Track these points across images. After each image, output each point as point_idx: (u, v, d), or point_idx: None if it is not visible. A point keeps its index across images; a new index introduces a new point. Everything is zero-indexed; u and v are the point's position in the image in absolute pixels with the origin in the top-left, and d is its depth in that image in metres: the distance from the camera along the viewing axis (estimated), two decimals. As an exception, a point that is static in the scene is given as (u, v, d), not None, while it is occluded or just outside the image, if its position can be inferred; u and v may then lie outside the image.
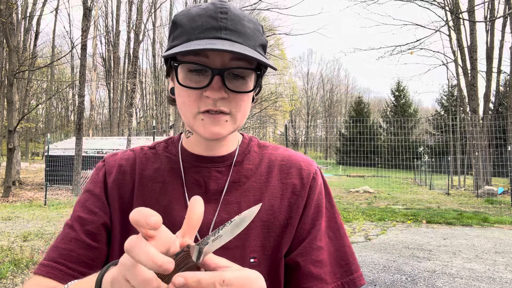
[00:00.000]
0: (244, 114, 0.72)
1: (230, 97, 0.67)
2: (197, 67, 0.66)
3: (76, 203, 0.76)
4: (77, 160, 13.84)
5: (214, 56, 0.66)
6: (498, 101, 24.73)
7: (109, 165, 0.79)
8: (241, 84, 0.68)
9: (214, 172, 0.75)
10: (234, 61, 0.66)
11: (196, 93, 0.67)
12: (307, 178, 0.76)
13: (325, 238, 0.74)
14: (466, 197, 13.68)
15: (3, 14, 12.40)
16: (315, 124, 57.90)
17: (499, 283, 4.27)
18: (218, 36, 0.65)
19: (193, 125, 0.69)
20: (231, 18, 0.67)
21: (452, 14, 15.59)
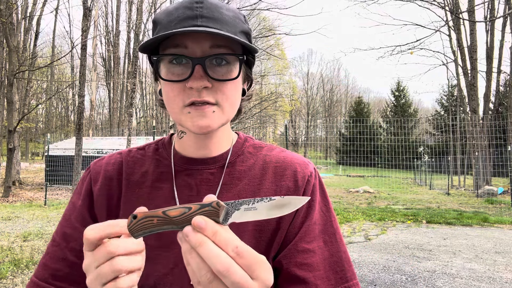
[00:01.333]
0: (233, 104, 0.69)
1: (214, 86, 0.65)
2: (177, 58, 0.65)
3: (63, 216, 0.75)
4: (77, 160, 13.83)
5: (193, 46, 0.64)
6: (498, 101, 24.72)
7: (95, 171, 0.77)
8: (225, 72, 0.66)
9: (206, 175, 0.73)
10: (215, 48, 0.64)
11: (179, 86, 0.65)
12: (302, 181, 0.73)
13: (318, 241, 0.70)
14: (466, 197, 13.67)
15: (3, 14, 12.40)
16: (315, 124, 57.89)
17: (499, 283, 4.27)
18: (194, 24, 0.63)
19: (180, 120, 0.67)
20: (207, 7, 0.65)
21: (452, 14, 15.59)
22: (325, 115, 59.61)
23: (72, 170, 14.39)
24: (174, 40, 0.65)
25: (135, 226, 0.45)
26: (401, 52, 16.85)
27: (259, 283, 0.43)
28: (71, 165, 14.60)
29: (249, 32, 0.71)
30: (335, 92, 63.71)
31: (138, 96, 39.12)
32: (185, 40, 0.64)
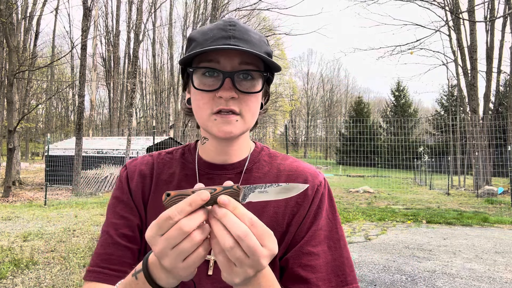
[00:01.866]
0: (254, 115, 0.78)
1: (240, 98, 0.74)
2: (210, 71, 0.74)
3: (108, 210, 0.85)
4: (77, 160, 13.85)
5: (224, 62, 0.74)
6: (498, 101, 24.73)
7: (130, 170, 0.87)
8: (250, 86, 0.75)
9: (225, 179, 0.79)
10: (243, 65, 0.74)
11: (209, 95, 0.74)
12: (311, 190, 0.80)
13: (323, 246, 0.77)
14: (466, 197, 13.68)
15: (3, 14, 12.40)
16: (315, 124, 57.90)
17: (499, 283, 4.27)
18: (227, 43, 0.73)
19: (207, 126, 0.76)
20: (239, 29, 0.75)
21: (452, 14, 15.59)
22: (325, 115, 59.61)
23: (72, 170, 14.40)
24: (209, 56, 0.75)
25: (168, 202, 0.53)
26: (401, 52, 16.86)
27: (267, 250, 0.52)
28: (71, 165, 14.61)
29: (271, 53, 0.81)
30: (335, 92, 63.73)
31: (138, 96, 39.15)
32: (218, 56, 0.74)
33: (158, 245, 0.52)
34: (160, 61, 38.80)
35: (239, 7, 20.56)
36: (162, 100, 37.30)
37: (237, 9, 18.97)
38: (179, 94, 32.24)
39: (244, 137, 0.84)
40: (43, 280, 4.11)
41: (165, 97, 37.00)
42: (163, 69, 38.87)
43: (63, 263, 4.67)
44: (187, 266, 0.53)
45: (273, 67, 0.78)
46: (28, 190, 14.50)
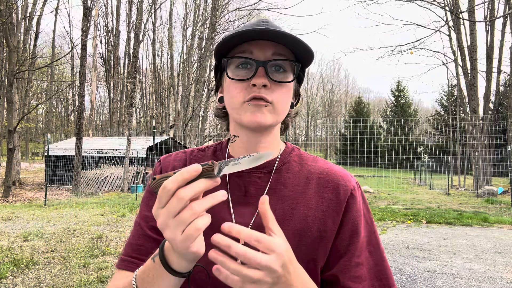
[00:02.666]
0: (284, 107, 0.79)
1: (272, 88, 0.75)
2: (244, 61, 0.76)
3: (141, 202, 0.87)
4: (77, 160, 13.85)
5: (257, 52, 0.76)
6: (498, 101, 24.73)
7: (165, 165, 0.88)
8: (282, 77, 0.77)
9: (254, 178, 0.81)
10: (276, 55, 0.76)
11: (243, 85, 0.76)
12: (344, 194, 0.79)
13: (365, 253, 0.79)
14: (466, 197, 13.67)
15: (3, 14, 12.40)
16: (315, 124, 57.87)
17: (499, 283, 4.27)
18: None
19: (239, 114, 0.77)
20: (272, 25, 0.78)
21: (452, 14, 15.58)
22: (325, 115, 59.60)
23: (72, 170, 14.40)
24: (242, 47, 0.76)
25: (155, 184, 0.57)
26: (401, 52, 16.85)
27: (275, 254, 0.56)
28: (71, 165, 14.61)
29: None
30: (335, 92, 63.72)
31: (138, 96, 39.15)
32: (251, 47, 0.76)
33: (160, 216, 0.55)
34: (160, 61, 38.79)
35: (239, 7, 20.57)
36: (162, 100, 37.29)
37: (237, 9, 18.98)
38: (179, 94, 32.24)
39: (274, 135, 0.84)
40: (43, 280, 4.11)
41: (165, 97, 36.99)
42: (163, 69, 38.86)
43: (63, 263, 4.67)
44: (186, 238, 0.54)
45: (305, 60, 0.79)
46: (28, 190, 14.50)
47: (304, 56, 0.77)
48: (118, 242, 5.78)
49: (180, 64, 33.73)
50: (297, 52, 0.78)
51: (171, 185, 0.53)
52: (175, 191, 0.53)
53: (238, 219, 0.77)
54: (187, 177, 0.53)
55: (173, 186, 0.53)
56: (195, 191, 0.53)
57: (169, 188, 0.53)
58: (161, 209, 0.55)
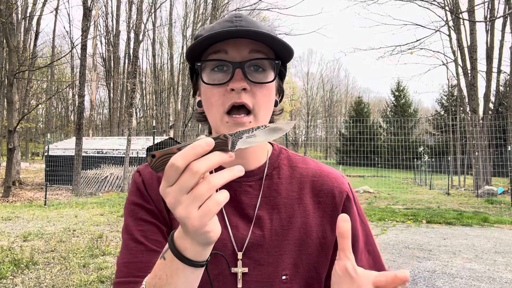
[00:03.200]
0: (267, 111, 0.73)
1: (252, 90, 0.70)
2: (219, 66, 0.70)
3: (127, 217, 0.76)
4: (77, 160, 13.84)
5: (232, 52, 0.70)
6: (498, 101, 24.71)
7: (147, 177, 0.78)
8: (262, 78, 0.71)
9: (245, 187, 0.76)
10: (253, 53, 0.70)
11: (220, 90, 0.70)
12: (339, 198, 0.77)
13: (365, 254, 0.78)
14: (466, 197, 13.67)
15: (3, 14, 12.40)
16: (315, 124, 57.85)
17: (499, 283, 4.27)
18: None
19: (219, 128, 0.71)
20: (246, 20, 0.72)
21: (452, 14, 15.58)
22: (325, 115, 59.60)
23: (72, 170, 14.39)
24: (215, 48, 0.70)
25: (155, 163, 0.50)
26: (401, 52, 16.85)
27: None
28: (71, 165, 14.61)
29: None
30: (335, 92, 63.71)
31: (138, 96, 39.13)
32: (225, 47, 0.70)
33: (170, 194, 0.48)
34: (160, 61, 38.79)
35: (239, 7, 20.57)
36: (162, 100, 37.29)
37: (237, 9, 18.98)
38: (179, 94, 32.25)
39: None
40: (43, 280, 4.11)
41: (165, 97, 36.99)
42: (163, 69, 38.86)
43: (63, 263, 4.67)
44: (203, 214, 0.47)
45: (285, 56, 0.74)
46: (28, 190, 14.49)
47: (283, 52, 0.72)
48: (118, 242, 5.78)
49: (180, 64, 33.73)
50: (275, 48, 0.72)
51: (181, 161, 0.46)
52: (185, 168, 0.47)
53: (234, 232, 0.74)
54: (200, 152, 0.47)
55: (183, 162, 0.46)
56: (211, 164, 0.47)
57: (179, 165, 0.46)
58: (170, 187, 0.48)
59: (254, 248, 0.73)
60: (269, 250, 0.73)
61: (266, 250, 0.73)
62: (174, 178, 0.47)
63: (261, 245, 0.74)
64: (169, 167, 0.47)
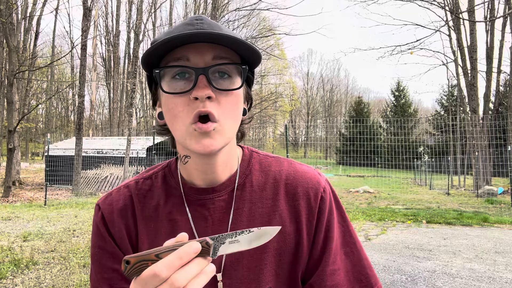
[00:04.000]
0: (234, 120, 0.67)
1: (217, 98, 0.64)
2: (180, 70, 0.64)
3: (93, 262, 0.73)
4: (77, 160, 13.85)
5: (195, 58, 0.64)
6: (498, 101, 24.69)
7: (107, 212, 0.73)
8: (228, 85, 0.65)
9: (219, 202, 0.72)
10: (217, 59, 0.64)
11: (183, 100, 0.64)
12: (314, 200, 0.73)
13: (340, 255, 0.73)
14: (466, 197, 13.67)
15: (3, 14, 12.40)
16: (315, 124, 57.91)
17: (499, 283, 4.27)
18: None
19: (185, 140, 0.65)
20: (207, 23, 0.66)
21: (452, 14, 15.58)
22: (325, 115, 59.62)
23: (72, 170, 14.40)
24: (175, 54, 0.64)
25: (130, 271, 0.47)
26: (401, 52, 16.85)
27: None
28: (71, 165, 14.61)
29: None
30: (335, 92, 63.75)
31: (138, 96, 39.11)
32: (186, 53, 0.64)
33: None
34: (160, 61, 38.80)
35: (239, 7, 20.56)
36: (162, 100, 37.32)
37: (237, 9, 18.98)
38: (179, 94, 32.23)
39: (230, 150, 0.72)
40: (43, 280, 4.11)
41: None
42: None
43: (63, 263, 4.67)
44: None
45: (252, 61, 0.68)
46: (28, 190, 14.50)
47: (249, 56, 0.67)
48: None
49: (180, 64, 33.70)
50: (241, 53, 0.67)
51: (166, 272, 0.45)
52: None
53: None
54: (185, 261, 0.46)
55: (168, 274, 0.45)
56: (190, 277, 0.46)
57: (163, 277, 0.45)
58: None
59: (234, 266, 0.69)
60: (249, 265, 0.70)
61: (246, 267, 0.70)
62: (153, 287, 0.46)
63: (240, 262, 0.70)
64: (151, 277, 0.45)
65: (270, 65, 33.85)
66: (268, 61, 31.08)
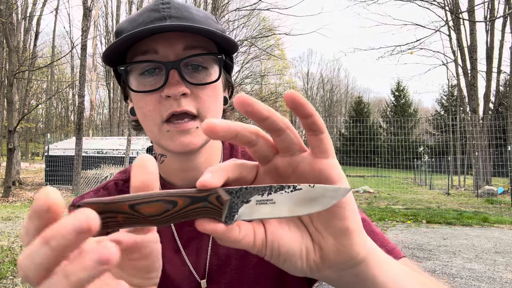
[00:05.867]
0: (216, 113, 0.62)
1: (193, 94, 0.58)
2: (149, 65, 0.58)
3: None
4: (77, 160, 13.85)
5: (164, 50, 0.57)
6: (498, 101, 24.72)
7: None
8: (203, 77, 0.59)
9: None
10: (189, 50, 0.58)
11: (154, 97, 0.57)
12: None
13: None
14: (466, 197, 13.67)
15: (3, 14, 12.40)
16: (315, 124, 57.82)
17: (499, 283, 4.27)
18: (161, 24, 0.56)
19: (159, 140, 0.60)
20: (175, 7, 0.59)
21: (452, 14, 15.59)
22: (325, 115, 59.61)
23: (72, 170, 14.40)
24: (142, 46, 0.58)
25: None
26: (401, 52, 16.87)
27: None
28: (71, 165, 14.61)
29: (224, 31, 0.64)
30: (335, 92, 63.73)
31: (138, 96, 39.16)
32: (154, 45, 0.57)
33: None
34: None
35: (239, 7, 20.57)
36: (162, 100, 37.38)
37: (237, 9, 18.98)
38: (179, 94, 32.26)
39: (212, 144, 0.67)
40: (43, 280, 4.11)
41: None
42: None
43: (63, 263, 4.67)
44: None
45: (228, 48, 0.62)
46: (28, 190, 14.50)
47: (225, 43, 0.61)
48: (118, 242, 5.79)
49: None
50: (215, 39, 0.60)
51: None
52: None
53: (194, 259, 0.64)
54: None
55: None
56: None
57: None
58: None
59: (221, 270, 0.64)
60: (238, 267, 0.65)
61: (234, 269, 0.64)
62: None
63: (228, 264, 0.65)
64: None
65: (270, 65, 33.83)
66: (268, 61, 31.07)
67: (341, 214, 0.34)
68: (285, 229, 0.35)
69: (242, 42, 16.06)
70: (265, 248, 0.34)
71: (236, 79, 18.63)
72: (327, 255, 0.35)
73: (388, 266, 0.41)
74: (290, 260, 0.35)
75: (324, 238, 0.35)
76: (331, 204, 0.32)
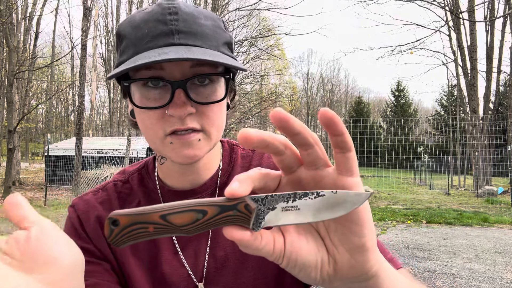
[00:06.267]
0: (220, 127, 0.61)
1: (199, 111, 0.57)
2: (154, 80, 0.56)
3: None
4: (77, 160, 13.84)
5: (170, 67, 0.55)
6: (498, 101, 24.72)
7: (82, 212, 0.67)
8: (210, 93, 0.58)
9: None
10: (196, 67, 0.56)
11: (158, 113, 0.56)
12: None
13: None
14: (466, 197, 13.67)
15: (3, 14, 12.40)
16: (315, 124, 57.86)
17: (499, 283, 4.27)
18: (170, 42, 0.55)
19: (162, 151, 0.59)
20: (184, 19, 0.56)
21: (452, 14, 15.58)
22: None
23: (72, 170, 14.40)
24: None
25: (117, 236, 0.31)
26: (401, 52, 16.87)
27: None
28: (71, 165, 14.61)
29: (231, 41, 0.63)
30: (335, 92, 63.71)
31: (138, 96, 39.17)
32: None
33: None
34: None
35: (239, 7, 20.57)
36: (162, 100, 37.37)
37: (237, 9, 18.98)
38: (179, 94, 32.27)
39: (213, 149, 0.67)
40: (43, 280, 4.11)
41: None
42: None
43: (63, 263, 4.67)
44: None
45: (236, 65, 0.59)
46: (28, 190, 14.49)
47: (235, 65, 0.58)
48: (118, 242, 5.79)
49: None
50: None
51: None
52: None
53: (192, 261, 0.64)
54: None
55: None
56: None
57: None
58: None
59: (219, 273, 0.64)
60: (236, 270, 0.64)
61: (232, 272, 0.64)
62: None
63: (226, 267, 0.64)
64: None
65: (270, 65, 33.83)
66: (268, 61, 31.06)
67: (359, 232, 0.36)
68: (303, 240, 0.37)
69: (242, 42, 16.05)
70: (282, 257, 0.36)
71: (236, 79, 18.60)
72: (340, 269, 0.37)
73: (396, 280, 0.42)
74: (305, 270, 0.36)
75: (340, 253, 0.37)
76: (353, 208, 0.33)
